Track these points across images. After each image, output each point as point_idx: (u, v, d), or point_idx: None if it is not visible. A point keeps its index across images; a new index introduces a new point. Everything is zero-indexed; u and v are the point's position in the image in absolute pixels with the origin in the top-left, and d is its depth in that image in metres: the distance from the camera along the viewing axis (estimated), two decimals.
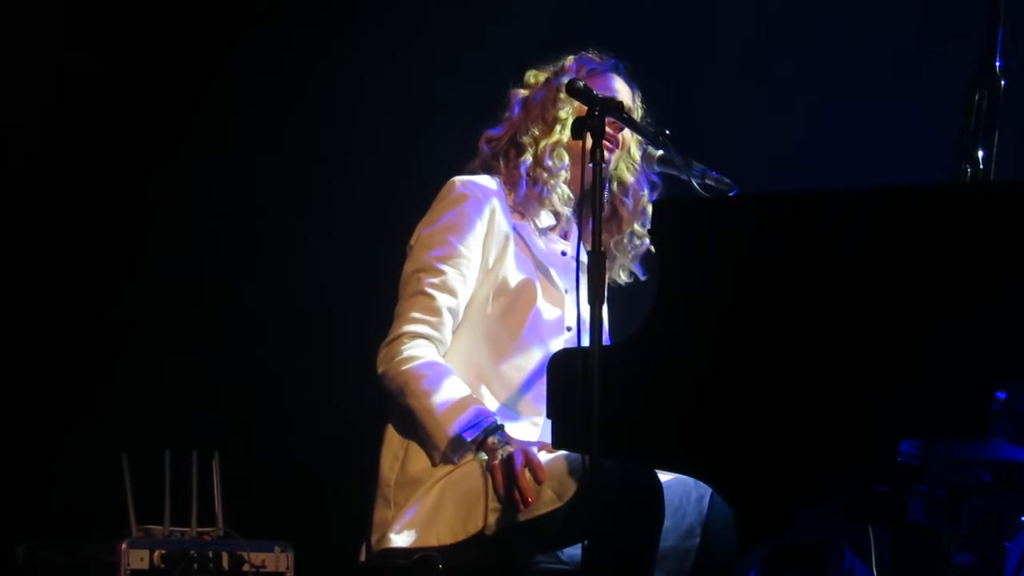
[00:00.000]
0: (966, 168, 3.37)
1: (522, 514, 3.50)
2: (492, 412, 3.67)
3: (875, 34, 5.11)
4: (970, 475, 3.17)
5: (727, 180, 3.69)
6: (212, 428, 4.98)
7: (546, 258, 3.88)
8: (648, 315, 3.26)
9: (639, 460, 3.35)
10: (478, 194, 3.82)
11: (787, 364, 3.11)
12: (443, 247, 3.77)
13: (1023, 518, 3.36)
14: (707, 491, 3.66)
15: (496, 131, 3.95)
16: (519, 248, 3.85)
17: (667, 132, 3.74)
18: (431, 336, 3.74)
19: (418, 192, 3.97)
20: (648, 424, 3.23)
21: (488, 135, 3.95)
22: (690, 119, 3.93)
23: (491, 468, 3.54)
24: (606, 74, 3.94)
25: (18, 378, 5.15)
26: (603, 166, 3.36)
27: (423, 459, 3.68)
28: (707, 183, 3.70)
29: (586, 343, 3.22)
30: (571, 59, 3.95)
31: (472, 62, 5.20)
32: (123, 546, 4.10)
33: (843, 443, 3.06)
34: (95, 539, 4.22)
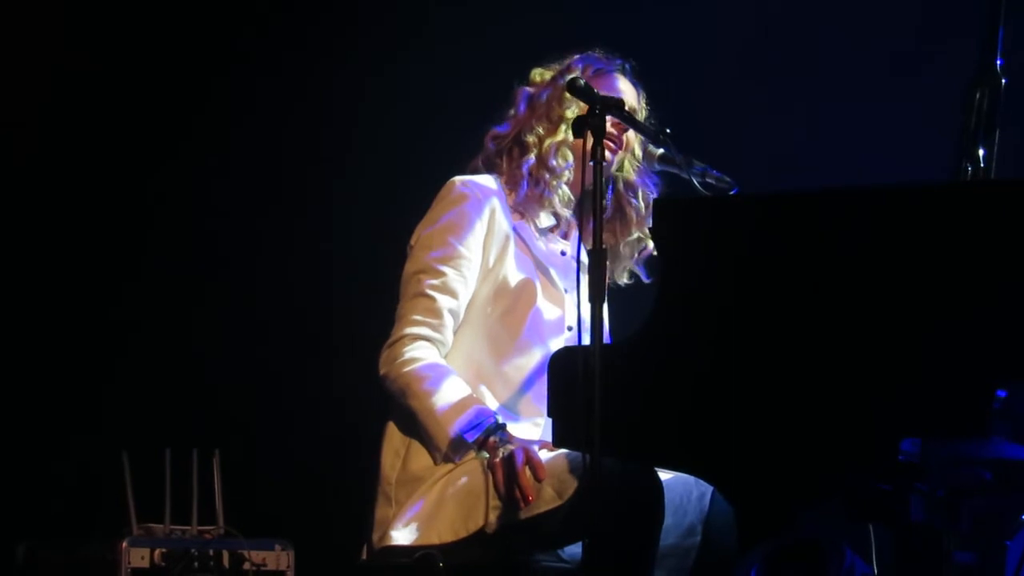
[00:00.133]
0: (967, 167, 3.36)
1: (522, 512, 3.49)
2: (493, 412, 3.66)
3: (875, 34, 5.11)
4: (971, 474, 3.16)
5: (727, 179, 3.69)
6: (212, 427, 4.98)
7: (546, 258, 3.88)
8: (649, 314, 3.25)
9: (639, 459, 3.34)
10: (478, 194, 3.81)
11: (787, 363, 3.10)
12: (443, 248, 3.76)
13: (1023, 517, 3.36)
14: (708, 489, 3.65)
15: (502, 129, 3.94)
16: (519, 248, 3.84)
17: (667, 131, 3.74)
18: (432, 338, 3.73)
19: (418, 192, 3.96)
20: (649, 423, 3.22)
21: (494, 132, 3.94)
22: (690, 119, 3.91)
23: (492, 466, 3.54)
24: (611, 74, 3.93)
25: (18, 378, 5.15)
26: (604, 165, 3.35)
27: (424, 457, 3.68)
28: (708, 182, 3.69)
29: (587, 342, 3.21)
30: (577, 58, 3.94)
31: (472, 62, 5.20)
32: (124, 544, 4.10)
33: (843, 443, 3.05)
34: (95, 539, 4.22)
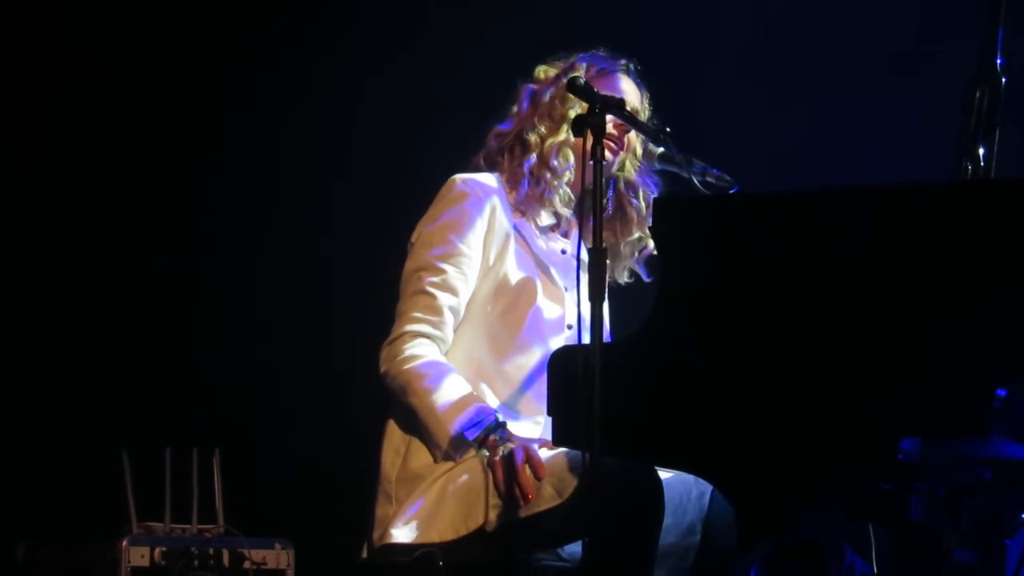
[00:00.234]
0: (967, 166, 3.37)
1: (522, 510, 3.48)
2: (494, 410, 3.66)
3: (875, 34, 5.10)
4: (971, 473, 3.16)
5: (727, 178, 3.68)
6: (212, 426, 4.98)
7: (546, 256, 3.88)
8: (649, 313, 3.25)
9: (639, 458, 3.34)
10: (478, 192, 3.81)
11: (787, 363, 3.10)
12: (444, 245, 3.76)
13: (1023, 516, 3.36)
14: (708, 488, 3.65)
15: (505, 126, 3.93)
16: (520, 246, 3.83)
17: (667, 129, 3.74)
18: (432, 335, 3.73)
19: (418, 192, 3.96)
20: (649, 422, 3.22)
21: (497, 130, 3.94)
22: (690, 119, 3.91)
23: (492, 464, 3.53)
24: (614, 74, 3.92)
25: (18, 378, 5.15)
26: (604, 165, 3.35)
27: (424, 455, 3.67)
28: (708, 181, 3.68)
29: (587, 341, 3.21)
30: (581, 57, 3.93)
31: (472, 62, 5.20)
32: (124, 543, 4.10)
33: (843, 442, 3.05)
34: (95, 538, 4.22)
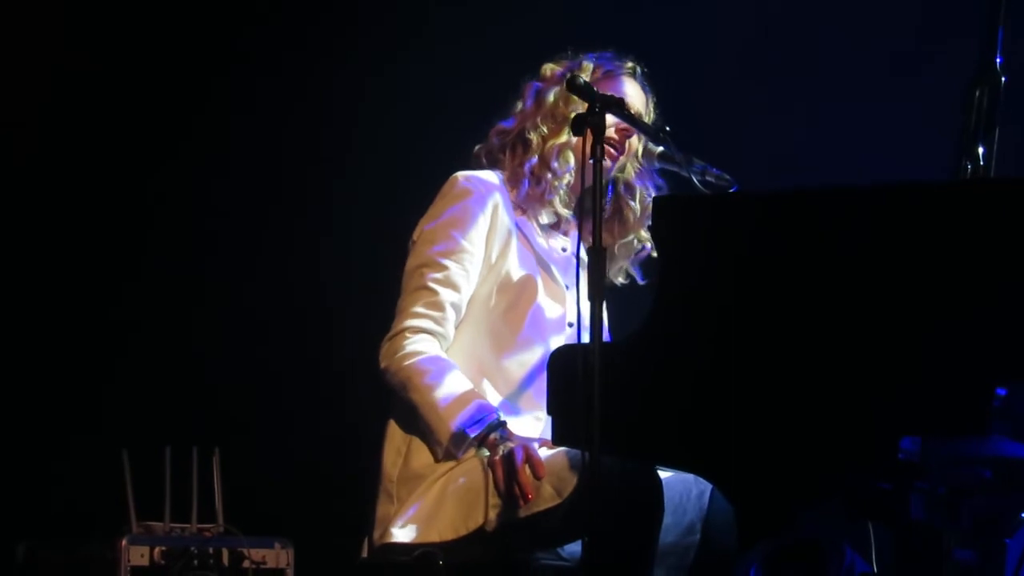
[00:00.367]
0: (967, 165, 3.36)
1: (522, 510, 3.48)
2: (495, 408, 3.65)
3: (875, 34, 5.10)
4: (971, 472, 3.16)
5: (727, 177, 3.67)
6: (212, 425, 4.98)
7: (547, 254, 3.87)
8: (648, 312, 3.25)
9: (639, 457, 3.33)
10: (481, 189, 3.80)
11: (787, 362, 3.10)
12: (446, 242, 3.75)
13: (1023, 515, 3.35)
14: (707, 487, 3.64)
15: (508, 124, 3.92)
16: (521, 244, 3.83)
17: (667, 128, 3.74)
18: (434, 331, 3.72)
19: (418, 192, 3.96)
20: (648, 421, 3.21)
21: (500, 128, 3.93)
22: (690, 119, 3.91)
23: (492, 464, 3.53)
24: (620, 77, 3.91)
25: (18, 377, 5.15)
26: (602, 163, 3.35)
27: (425, 454, 3.67)
28: (707, 180, 3.68)
29: (586, 340, 3.21)
30: (589, 57, 3.91)
31: (472, 62, 5.20)
32: (123, 542, 4.10)
33: (843, 442, 3.04)
34: (95, 538, 4.22)
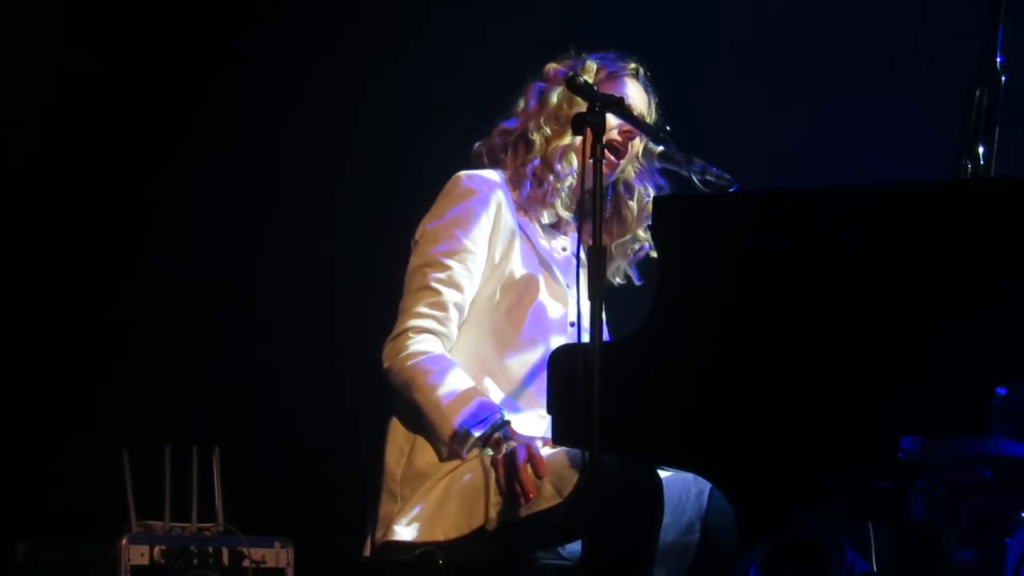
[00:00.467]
0: (967, 164, 3.37)
1: (523, 509, 3.47)
2: (498, 406, 3.64)
3: (875, 34, 5.10)
4: (971, 472, 3.16)
5: (727, 176, 3.67)
6: (212, 425, 4.98)
7: (548, 254, 3.87)
8: (648, 312, 3.24)
9: (639, 457, 3.33)
10: (484, 189, 3.79)
11: (787, 362, 3.10)
12: (449, 242, 3.74)
13: (1023, 515, 3.35)
14: (706, 486, 3.64)
15: (510, 124, 3.91)
16: (524, 244, 3.82)
17: (667, 128, 3.74)
18: (437, 331, 3.71)
19: (418, 192, 3.95)
20: (648, 421, 3.21)
21: (502, 127, 3.91)
22: (690, 119, 3.91)
23: (494, 463, 3.53)
24: (622, 78, 3.91)
25: (18, 377, 5.15)
26: (602, 163, 3.35)
27: (429, 453, 3.66)
28: (707, 179, 3.67)
29: (586, 340, 3.21)
30: (592, 57, 3.90)
31: (472, 62, 5.20)
32: (123, 542, 4.11)
33: (843, 442, 3.04)
34: (95, 538, 4.23)
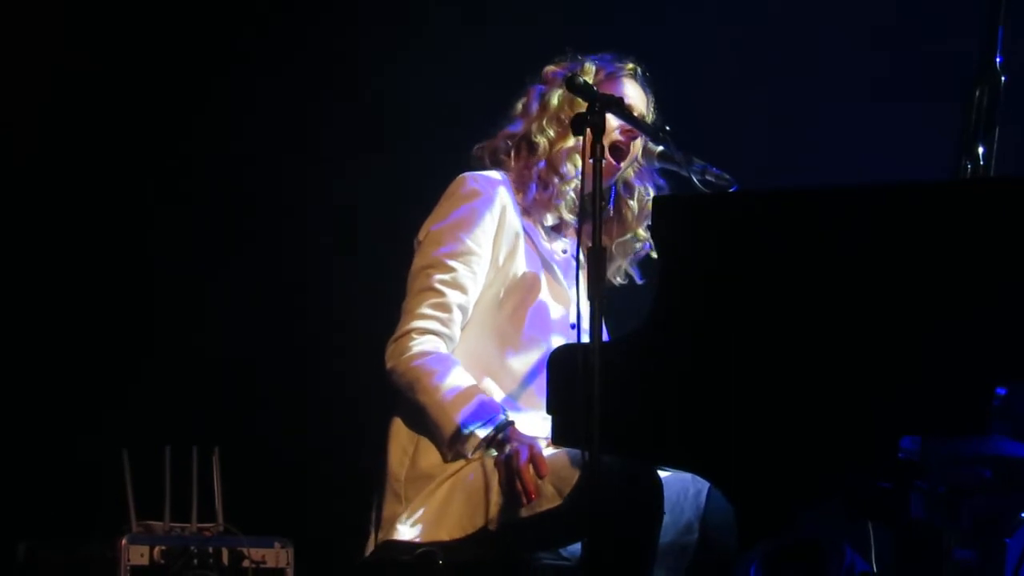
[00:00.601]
0: (966, 164, 3.37)
1: (524, 510, 3.47)
2: (501, 406, 3.64)
3: (875, 34, 5.10)
4: (971, 472, 3.16)
5: (727, 176, 3.67)
6: (212, 425, 4.98)
7: (550, 256, 3.87)
8: (648, 312, 3.24)
9: (639, 457, 3.33)
10: (489, 190, 3.78)
11: (787, 362, 3.09)
12: (453, 243, 3.73)
13: (1023, 515, 3.35)
14: (704, 486, 3.64)
15: (513, 127, 3.89)
16: (528, 246, 3.82)
17: (667, 128, 3.74)
18: (440, 332, 3.70)
19: (418, 192, 3.96)
20: (648, 420, 3.21)
21: (506, 131, 3.89)
22: (690, 119, 3.91)
23: (496, 463, 3.53)
24: (621, 78, 3.91)
25: (18, 377, 5.15)
26: (602, 163, 3.35)
27: (433, 454, 3.64)
28: (707, 179, 3.67)
29: (586, 340, 3.21)
30: (590, 59, 3.90)
31: (472, 62, 5.20)
32: (123, 542, 4.11)
33: (843, 442, 3.04)
34: (95, 538, 4.23)
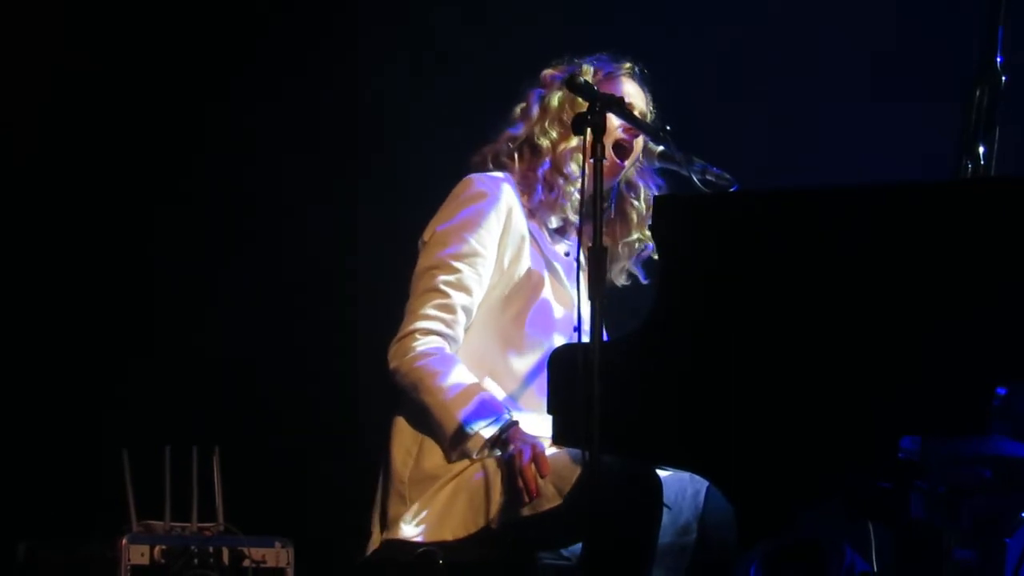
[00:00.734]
0: (967, 164, 3.37)
1: (525, 509, 3.47)
2: (505, 406, 3.64)
3: (876, 34, 5.10)
4: (971, 472, 3.16)
5: (727, 176, 3.67)
6: (212, 424, 4.98)
7: (554, 257, 3.87)
8: (648, 311, 3.25)
9: (639, 457, 3.33)
10: (496, 192, 3.77)
11: (787, 362, 3.10)
12: (459, 244, 3.72)
13: (1023, 515, 3.36)
14: (703, 486, 3.64)
15: (514, 130, 3.90)
16: (533, 248, 3.82)
17: (667, 127, 3.74)
18: (444, 333, 3.69)
19: (418, 192, 3.97)
20: (648, 420, 3.21)
21: (508, 134, 3.90)
22: (690, 119, 3.92)
23: (499, 463, 3.53)
24: (619, 78, 3.91)
25: (18, 377, 5.15)
26: (602, 163, 3.35)
27: (437, 455, 3.64)
28: (707, 179, 3.68)
29: (586, 340, 3.21)
30: (587, 60, 3.90)
31: (474, 62, 5.20)
32: (124, 541, 4.11)
33: (843, 442, 3.04)
34: (95, 538, 4.23)
